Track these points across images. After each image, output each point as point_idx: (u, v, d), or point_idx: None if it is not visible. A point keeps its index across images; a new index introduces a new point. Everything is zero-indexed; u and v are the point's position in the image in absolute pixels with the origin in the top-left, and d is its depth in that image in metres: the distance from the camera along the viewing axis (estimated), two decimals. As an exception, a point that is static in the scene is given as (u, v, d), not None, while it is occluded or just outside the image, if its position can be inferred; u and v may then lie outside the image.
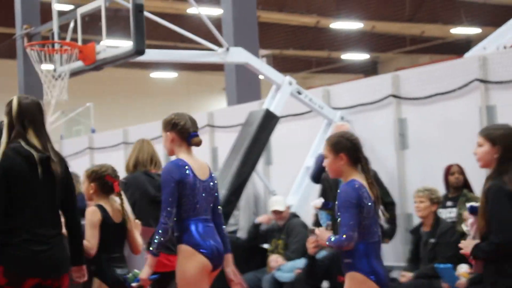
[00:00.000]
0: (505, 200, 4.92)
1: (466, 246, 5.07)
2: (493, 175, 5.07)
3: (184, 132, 5.86)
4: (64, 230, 5.45)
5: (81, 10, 10.32)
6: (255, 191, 12.15)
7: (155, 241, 5.65)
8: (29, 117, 5.35)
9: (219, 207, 6.04)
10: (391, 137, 10.53)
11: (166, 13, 23.67)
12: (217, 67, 25.47)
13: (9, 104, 5.39)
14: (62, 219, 5.46)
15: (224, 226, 6.05)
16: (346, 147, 5.36)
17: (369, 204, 5.24)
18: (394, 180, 10.31)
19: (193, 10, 27.76)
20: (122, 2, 10.05)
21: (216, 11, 23.48)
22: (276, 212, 10.28)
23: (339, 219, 5.22)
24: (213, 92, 36.49)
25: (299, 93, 10.91)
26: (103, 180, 6.33)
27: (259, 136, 10.46)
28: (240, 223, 11.69)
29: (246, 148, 10.37)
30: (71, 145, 17.81)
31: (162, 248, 5.73)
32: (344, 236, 5.15)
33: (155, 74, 36.67)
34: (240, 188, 10.30)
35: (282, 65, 31.20)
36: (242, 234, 11.43)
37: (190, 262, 5.67)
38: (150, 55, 9.87)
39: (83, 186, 6.48)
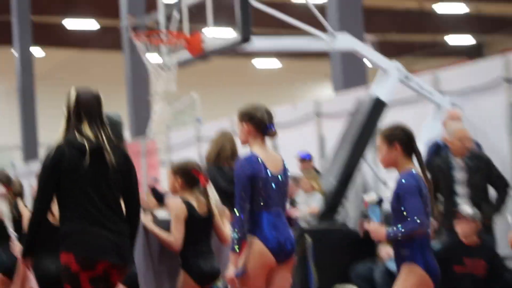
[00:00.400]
0: None
1: None
2: None
3: (260, 124, 5.81)
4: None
5: (187, 1, 10.35)
6: (364, 179, 11.99)
7: (234, 237, 5.63)
8: (85, 109, 5.43)
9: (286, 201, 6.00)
10: (502, 122, 10.23)
11: (268, 1, 23.62)
12: (319, 53, 25.31)
13: (68, 96, 5.50)
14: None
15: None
16: (400, 137, 5.45)
17: (427, 195, 5.30)
18: (507, 165, 10.02)
19: (295, -3, 27.70)
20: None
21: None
22: None
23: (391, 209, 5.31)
24: (316, 78, 36.34)
25: (408, 78, 10.72)
26: (189, 174, 6.42)
27: (368, 124, 10.33)
28: (349, 213, 11.57)
29: (355, 137, 10.25)
30: (178, 135, 17.95)
31: (241, 244, 5.64)
32: (418, 220, 5.19)
33: (258, 62, 36.74)
34: (349, 177, 10.20)
35: (385, 49, 30.81)
36: (351, 224, 11.31)
37: (253, 254, 5.66)
38: (256, 44, 9.84)
39: (168, 180, 6.55)
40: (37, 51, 31.09)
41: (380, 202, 5.75)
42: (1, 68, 37.55)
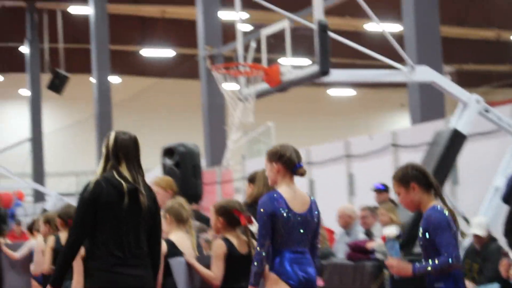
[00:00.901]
0: None
1: None
2: None
3: (289, 163, 5.96)
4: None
5: (266, 32, 10.40)
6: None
7: (253, 271, 5.83)
8: (124, 151, 5.80)
9: (318, 240, 6.13)
10: None
11: (343, 30, 23.64)
12: (395, 83, 25.18)
13: (107, 137, 5.87)
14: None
15: (317, 259, 6.16)
16: (415, 176, 5.47)
17: (455, 228, 5.34)
18: None
19: (370, 27, 27.65)
20: (306, 22, 10.06)
21: (394, 27, 23.25)
22: (476, 236, 9.91)
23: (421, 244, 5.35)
24: (391, 107, 36.13)
25: (487, 111, 10.57)
26: (230, 214, 6.62)
27: (447, 156, 10.20)
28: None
29: (433, 168, 10.12)
30: (253, 165, 18.00)
31: (259, 278, 5.85)
32: (453, 255, 5.21)
33: (333, 92, 36.71)
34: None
35: (462, 80, 30.54)
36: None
37: None
38: (335, 75, 9.81)
39: (211, 219, 6.79)
40: (114, 79, 31.60)
41: (399, 236, 5.62)
42: (80, 95, 38.30)
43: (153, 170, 22.48)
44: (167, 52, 36.59)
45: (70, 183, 34.38)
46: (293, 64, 10.03)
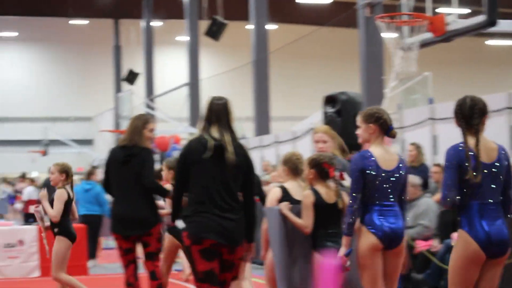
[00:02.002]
0: None
1: None
2: None
3: (385, 125, 6.48)
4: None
5: (431, -19, 10.27)
6: None
7: (346, 222, 6.47)
8: (215, 115, 6.76)
9: (406, 195, 6.60)
10: None
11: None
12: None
13: (206, 103, 6.85)
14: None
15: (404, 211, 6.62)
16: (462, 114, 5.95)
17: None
18: None
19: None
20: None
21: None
22: None
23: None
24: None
25: None
26: (320, 167, 7.24)
27: None
28: None
29: None
30: (409, 115, 17.83)
31: (352, 229, 6.47)
32: None
33: (491, 42, 35.75)
34: None
35: None
36: None
37: (362, 240, 6.43)
38: (502, 25, 9.61)
39: (305, 171, 7.46)
40: (271, 27, 31.81)
41: None
42: (237, 42, 38.78)
43: (310, 117, 22.68)
44: (324, 0, 36.51)
45: (225, 129, 35.02)
46: (459, 13, 9.89)
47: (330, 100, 9.95)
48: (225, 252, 6.64)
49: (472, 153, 5.83)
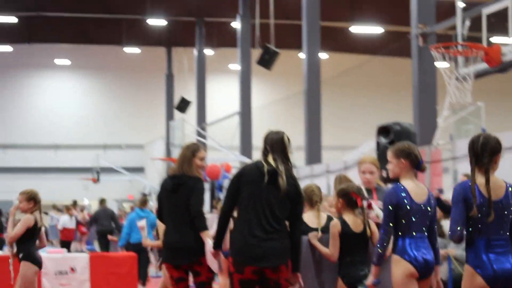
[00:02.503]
0: None
1: None
2: None
3: (415, 160, 6.76)
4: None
5: (487, 10, 10.15)
6: None
7: (376, 252, 6.72)
8: (271, 146, 7.14)
9: (435, 226, 6.84)
10: None
11: None
12: None
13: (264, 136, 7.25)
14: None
15: (436, 242, 6.89)
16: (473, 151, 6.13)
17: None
18: None
19: None
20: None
21: None
22: None
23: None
24: None
25: None
26: (348, 196, 7.54)
27: None
28: None
29: None
30: (462, 145, 17.65)
31: (382, 259, 6.72)
32: None
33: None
34: None
35: None
36: None
37: (396, 268, 6.64)
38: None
39: (334, 201, 7.81)
40: (322, 55, 31.81)
41: None
42: (289, 71, 38.84)
43: (361, 147, 22.57)
44: (375, 29, 36.43)
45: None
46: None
47: (383, 130, 9.86)
48: (268, 272, 6.99)
49: (478, 191, 6.07)
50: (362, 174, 8.33)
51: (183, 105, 34.40)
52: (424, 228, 6.70)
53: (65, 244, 26.57)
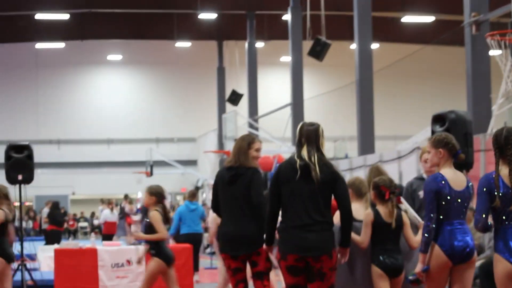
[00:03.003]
0: None
1: None
2: None
3: (453, 150, 7.14)
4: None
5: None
6: None
7: (422, 240, 7.05)
8: (306, 138, 7.50)
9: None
10: None
11: None
12: None
13: (298, 127, 7.64)
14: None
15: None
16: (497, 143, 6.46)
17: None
18: None
19: None
20: None
21: None
22: None
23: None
24: None
25: None
26: (378, 189, 7.88)
27: None
28: None
29: None
30: (518, 132, 17.43)
31: (428, 247, 7.04)
32: None
33: None
34: None
35: None
36: None
37: (433, 257, 7.03)
38: None
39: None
40: (374, 46, 31.64)
41: None
42: (340, 62, 38.71)
43: (414, 136, 22.44)
44: (427, 18, 36.14)
45: (328, 149, 34.94)
46: None
47: (438, 118, 9.77)
48: (311, 261, 7.40)
49: (502, 182, 6.37)
50: (424, 163, 8.39)
51: (235, 98, 34.52)
52: (463, 216, 7.07)
53: (107, 237, 26.98)
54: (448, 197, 6.98)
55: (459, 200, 7.04)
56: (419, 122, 27.44)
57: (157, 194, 10.44)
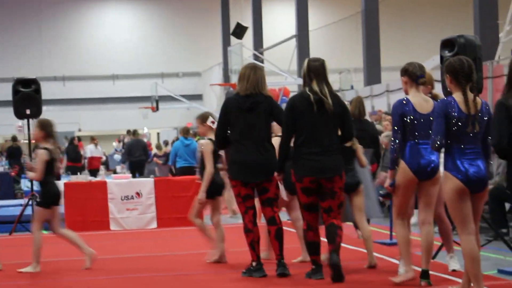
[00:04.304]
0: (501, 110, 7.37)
1: None
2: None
3: (413, 75, 7.83)
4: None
5: None
6: None
7: (390, 158, 7.88)
8: (314, 72, 8.23)
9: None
10: None
11: None
12: None
13: (303, 64, 8.34)
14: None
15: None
16: (451, 71, 7.05)
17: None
18: None
19: None
20: None
21: None
22: None
23: None
24: None
25: None
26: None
27: None
28: None
29: None
30: (526, 59, 17.33)
31: (395, 164, 7.79)
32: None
33: None
34: None
35: None
36: None
37: (400, 173, 7.80)
38: None
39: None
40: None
41: None
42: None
43: (424, 63, 22.32)
44: None
45: (334, 81, 34.82)
46: None
47: (447, 44, 9.71)
48: (323, 182, 8.20)
49: (458, 107, 6.95)
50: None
51: (239, 31, 34.24)
52: (426, 135, 7.64)
53: (93, 172, 27.38)
54: (413, 119, 7.67)
55: (422, 121, 7.71)
56: (426, 52, 27.28)
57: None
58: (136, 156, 24.58)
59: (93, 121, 44.89)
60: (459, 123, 6.92)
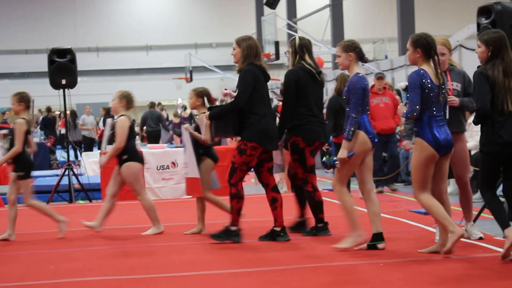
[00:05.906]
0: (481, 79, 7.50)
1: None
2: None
3: (360, 53, 8.35)
4: None
5: None
6: None
7: (349, 130, 8.08)
8: (306, 47, 9.23)
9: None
10: None
11: None
12: None
13: (292, 40, 9.29)
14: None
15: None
16: (422, 45, 7.66)
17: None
18: None
19: None
20: None
21: None
22: None
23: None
24: None
25: None
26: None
27: None
28: None
29: None
30: None
31: (353, 135, 8.09)
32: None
33: None
34: None
35: None
36: None
37: (357, 144, 8.19)
38: None
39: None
40: None
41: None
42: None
43: (455, 35, 22.13)
44: None
45: (368, 51, 34.63)
46: None
47: (484, 11, 9.58)
48: (320, 145, 9.29)
49: (429, 78, 7.52)
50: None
51: (273, 0, 34.13)
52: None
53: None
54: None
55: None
56: (461, 21, 27.02)
57: (200, 94, 10.53)
58: (152, 127, 25.52)
59: (127, 92, 45.10)
60: (432, 93, 7.53)
